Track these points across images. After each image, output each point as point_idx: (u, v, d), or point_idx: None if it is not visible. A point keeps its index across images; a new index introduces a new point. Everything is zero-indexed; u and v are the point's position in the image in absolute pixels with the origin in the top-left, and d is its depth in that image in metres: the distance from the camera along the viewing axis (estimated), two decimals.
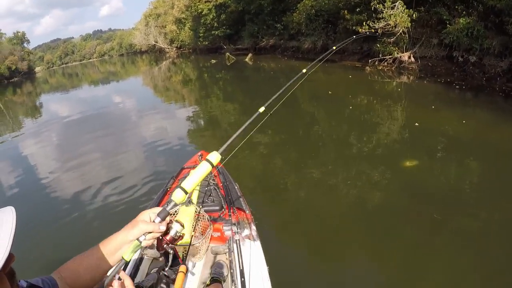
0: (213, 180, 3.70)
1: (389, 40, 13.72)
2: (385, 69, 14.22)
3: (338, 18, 18.32)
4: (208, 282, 2.54)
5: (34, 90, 42.24)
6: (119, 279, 1.24)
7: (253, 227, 3.05)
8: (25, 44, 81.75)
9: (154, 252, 2.80)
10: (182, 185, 1.40)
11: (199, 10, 38.47)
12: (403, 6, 12.71)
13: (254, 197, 4.98)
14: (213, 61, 28.99)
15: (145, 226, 1.28)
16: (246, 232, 2.93)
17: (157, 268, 2.54)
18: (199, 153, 4.50)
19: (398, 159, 5.92)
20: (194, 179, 1.44)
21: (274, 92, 2.63)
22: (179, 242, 1.53)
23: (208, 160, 1.48)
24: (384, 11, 12.89)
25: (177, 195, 1.37)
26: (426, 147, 6.38)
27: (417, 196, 4.79)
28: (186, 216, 2.67)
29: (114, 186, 6.50)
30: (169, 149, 8.43)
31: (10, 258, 0.82)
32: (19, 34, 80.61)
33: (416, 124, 7.48)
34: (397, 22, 12.73)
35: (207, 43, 42.17)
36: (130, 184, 6.36)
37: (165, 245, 1.37)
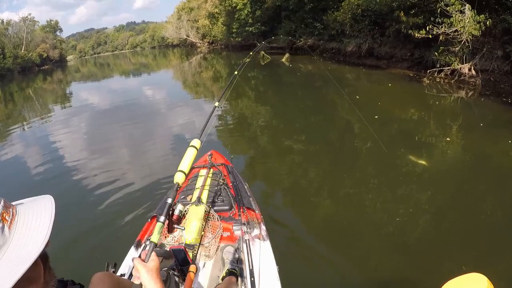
0: (223, 179, 3.75)
1: (453, 48, 11.98)
2: (442, 82, 12.48)
3: (386, 19, 16.75)
4: (224, 273, 2.53)
5: (65, 78, 43.31)
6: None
7: (263, 227, 3.04)
8: (57, 33, 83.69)
9: (164, 252, 2.66)
10: (179, 168, 1.72)
11: (234, 5, 37.27)
12: (471, 11, 10.93)
13: (264, 197, 5.10)
14: (247, 59, 26.88)
15: (154, 265, 1.31)
16: (256, 231, 2.94)
17: (167, 268, 2.43)
18: (209, 153, 4.50)
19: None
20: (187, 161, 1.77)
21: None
22: (189, 242, 2.51)
23: (193, 146, 1.85)
24: (453, 15, 11.15)
25: (178, 176, 1.68)
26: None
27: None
28: (196, 215, 2.79)
29: (130, 178, 6.64)
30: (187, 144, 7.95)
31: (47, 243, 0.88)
32: (52, 22, 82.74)
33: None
34: (466, 29, 10.91)
35: (240, 39, 40.92)
36: (141, 181, 6.44)
37: (174, 226, 1.65)
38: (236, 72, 3.99)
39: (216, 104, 2.69)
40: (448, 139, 7.15)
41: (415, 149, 6.72)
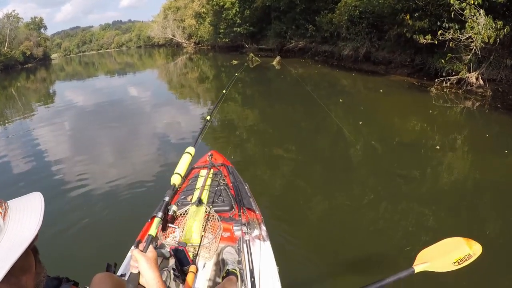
0: (223, 180, 3.74)
1: (465, 56, 10.85)
2: (448, 92, 11.37)
3: (385, 22, 15.65)
4: (224, 274, 2.52)
5: (49, 77, 42.91)
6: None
7: (263, 228, 3.03)
8: (42, 30, 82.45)
9: (165, 252, 2.70)
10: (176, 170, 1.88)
11: (221, 3, 36.05)
12: (488, 17, 9.80)
13: (264, 197, 5.04)
14: (235, 62, 26.01)
15: (152, 255, 1.41)
16: (256, 232, 2.92)
17: (167, 268, 2.55)
18: (209, 153, 4.46)
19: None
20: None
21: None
22: (189, 242, 2.55)
23: (188, 152, 2.03)
24: (468, 21, 10.00)
25: (175, 178, 1.83)
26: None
27: None
28: (196, 216, 2.85)
29: (122, 182, 6.48)
30: (178, 145, 8.48)
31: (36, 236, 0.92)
32: (36, 19, 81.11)
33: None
34: (480, 36, 9.79)
35: (227, 40, 39.78)
36: (140, 181, 6.39)
37: (168, 224, 1.75)
38: (224, 91, 4.13)
39: (208, 118, 2.86)
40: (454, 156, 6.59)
41: (419, 164, 6.17)
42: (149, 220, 3.19)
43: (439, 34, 10.84)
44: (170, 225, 1.79)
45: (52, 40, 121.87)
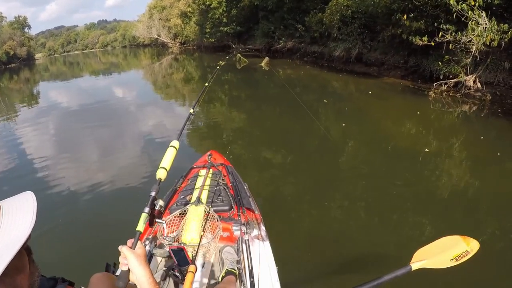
0: (223, 180, 3.72)
1: (466, 59, 10.32)
2: (445, 95, 10.85)
3: (377, 23, 15.13)
4: (223, 273, 2.53)
5: (33, 77, 42.57)
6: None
7: (263, 228, 3.04)
8: (26, 29, 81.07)
9: (164, 252, 2.75)
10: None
11: (208, 3, 35.19)
12: (491, 20, 9.31)
13: (263, 197, 5.07)
14: (221, 62, 25.01)
15: (140, 251, 1.38)
16: (255, 232, 2.94)
17: (166, 268, 2.56)
18: (209, 153, 4.46)
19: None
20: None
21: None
22: (188, 242, 2.55)
23: (173, 146, 1.96)
24: (470, 23, 9.48)
25: (160, 172, 1.80)
26: None
27: None
28: (195, 215, 2.81)
29: (117, 180, 6.53)
30: (166, 143, 7.40)
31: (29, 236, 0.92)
32: (20, 18, 79.39)
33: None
34: (483, 38, 9.27)
35: (213, 40, 38.94)
36: (136, 179, 6.48)
37: (155, 220, 1.68)
38: (206, 84, 4.05)
39: (191, 111, 2.71)
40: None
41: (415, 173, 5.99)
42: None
43: (439, 35, 10.31)
44: (157, 220, 1.72)
45: (36, 40, 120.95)
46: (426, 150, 6.61)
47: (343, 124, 8.88)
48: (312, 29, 21.00)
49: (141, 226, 1.54)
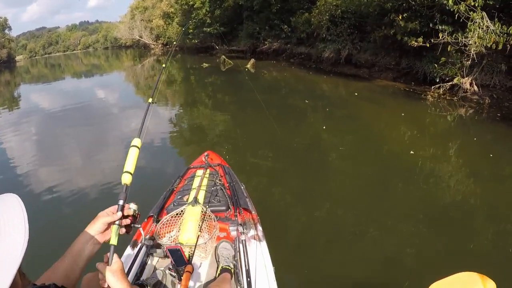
0: (220, 180, 3.70)
1: (467, 62, 9.80)
2: (441, 99, 10.37)
3: (367, 23, 14.63)
4: (218, 271, 2.53)
5: (13, 80, 42.05)
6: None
7: (259, 228, 3.05)
8: (6, 31, 79.31)
9: (160, 252, 2.74)
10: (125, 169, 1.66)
11: (191, 3, 34.19)
12: (495, 22, 8.76)
13: (260, 197, 4.96)
14: (205, 64, 24.67)
15: (104, 218, 1.46)
16: (252, 232, 2.94)
17: (163, 268, 2.57)
18: (206, 153, 4.45)
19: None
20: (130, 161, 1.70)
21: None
22: (185, 242, 2.52)
23: (134, 146, 1.77)
24: (471, 24, 8.96)
25: (125, 177, 1.64)
26: None
27: None
28: (192, 216, 2.81)
29: (112, 187, 6.28)
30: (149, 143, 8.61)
31: None
32: (1, 19, 77.42)
33: None
34: (486, 40, 8.75)
35: (196, 41, 38.24)
36: (116, 183, 6.27)
37: (132, 225, 1.60)
38: (164, 65, 4.04)
39: (150, 100, 2.49)
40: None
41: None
42: (145, 219, 3.21)
43: (438, 36, 9.76)
44: (135, 225, 1.62)
45: (17, 42, 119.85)
46: (428, 153, 6.60)
47: (324, 127, 8.93)
48: (298, 30, 20.48)
49: (113, 239, 1.46)
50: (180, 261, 2.23)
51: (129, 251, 2.86)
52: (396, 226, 4.39)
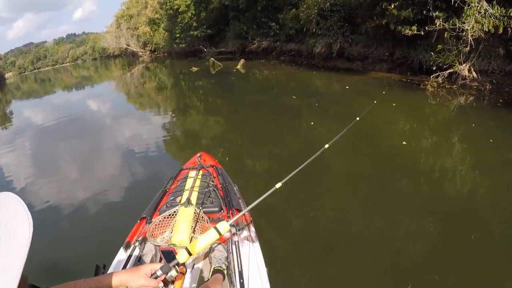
0: (212, 181, 3.72)
1: (465, 48, 9.49)
2: (439, 88, 10.03)
3: (358, 15, 14.23)
4: (210, 273, 2.51)
5: (4, 97, 41.04)
6: None
7: (252, 229, 3.03)
8: None
9: (153, 253, 2.75)
10: (189, 247, 1.76)
11: (176, 7, 33.80)
12: (493, 5, 8.40)
13: (253, 199, 3.33)
14: (195, 68, 24.20)
15: (146, 281, 1.50)
16: (245, 233, 2.94)
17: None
18: (198, 154, 4.46)
19: None
20: (201, 245, 1.81)
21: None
22: (178, 243, 2.51)
23: (216, 229, 1.85)
24: (466, 9, 8.63)
25: (182, 256, 1.73)
26: None
27: None
28: (185, 217, 2.82)
29: (106, 191, 6.49)
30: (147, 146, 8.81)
31: None
32: None
33: None
34: (484, 25, 8.42)
35: (184, 45, 37.85)
36: (124, 186, 6.54)
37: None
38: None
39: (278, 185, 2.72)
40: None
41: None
42: (138, 221, 3.19)
43: (434, 23, 9.36)
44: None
45: (6, 59, 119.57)
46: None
47: (312, 123, 8.77)
48: (287, 26, 20.20)
49: None
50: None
51: (121, 253, 2.86)
52: (396, 221, 4.35)
